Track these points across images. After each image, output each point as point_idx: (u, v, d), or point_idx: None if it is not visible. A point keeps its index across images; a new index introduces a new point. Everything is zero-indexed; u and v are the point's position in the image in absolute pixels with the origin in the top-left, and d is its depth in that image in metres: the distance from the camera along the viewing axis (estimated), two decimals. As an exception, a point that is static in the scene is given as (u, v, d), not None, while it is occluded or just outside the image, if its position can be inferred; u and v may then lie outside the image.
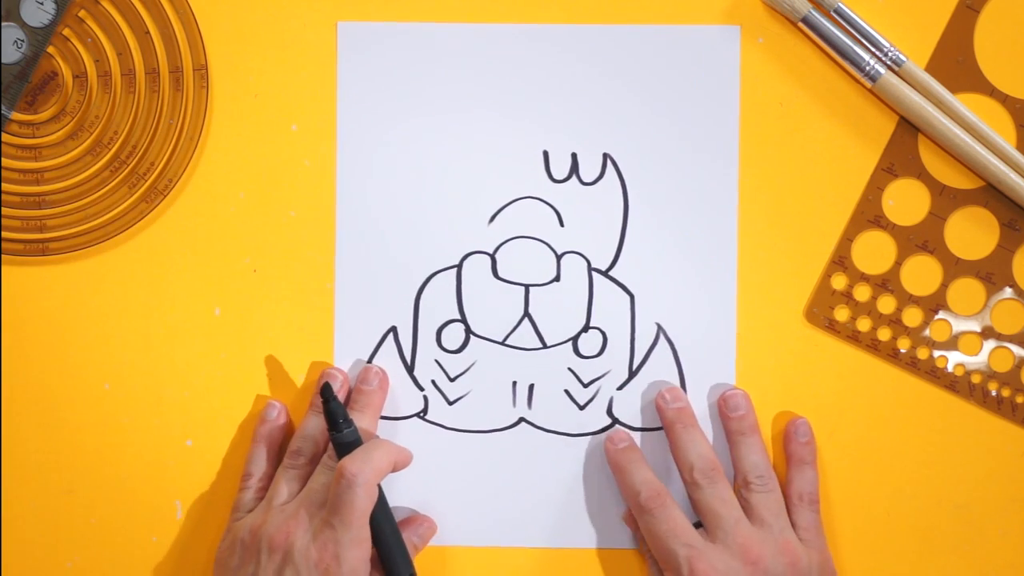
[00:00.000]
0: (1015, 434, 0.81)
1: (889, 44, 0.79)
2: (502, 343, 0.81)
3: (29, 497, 0.81)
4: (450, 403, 0.82)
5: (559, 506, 0.81)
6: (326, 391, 0.75)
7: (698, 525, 0.78)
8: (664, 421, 0.80)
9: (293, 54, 0.82)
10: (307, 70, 0.81)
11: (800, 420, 0.80)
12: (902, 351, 0.81)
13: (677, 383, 0.81)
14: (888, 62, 0.79)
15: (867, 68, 0.79)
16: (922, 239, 0.81)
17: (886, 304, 0.81)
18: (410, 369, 0.82)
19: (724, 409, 0.80)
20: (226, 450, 0.81)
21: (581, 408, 0.82)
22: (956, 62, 0.81)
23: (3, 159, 0.81)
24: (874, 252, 0.81)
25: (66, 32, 0.81)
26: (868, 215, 0.81)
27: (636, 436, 0.81)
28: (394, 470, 0.77)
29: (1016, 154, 0.80)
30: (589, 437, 0.82)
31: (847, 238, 0.81)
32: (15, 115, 0.81)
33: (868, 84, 0.80)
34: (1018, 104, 0.81)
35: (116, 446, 0.81)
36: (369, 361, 0.81)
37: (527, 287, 0.82)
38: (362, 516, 0.73)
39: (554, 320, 0.81)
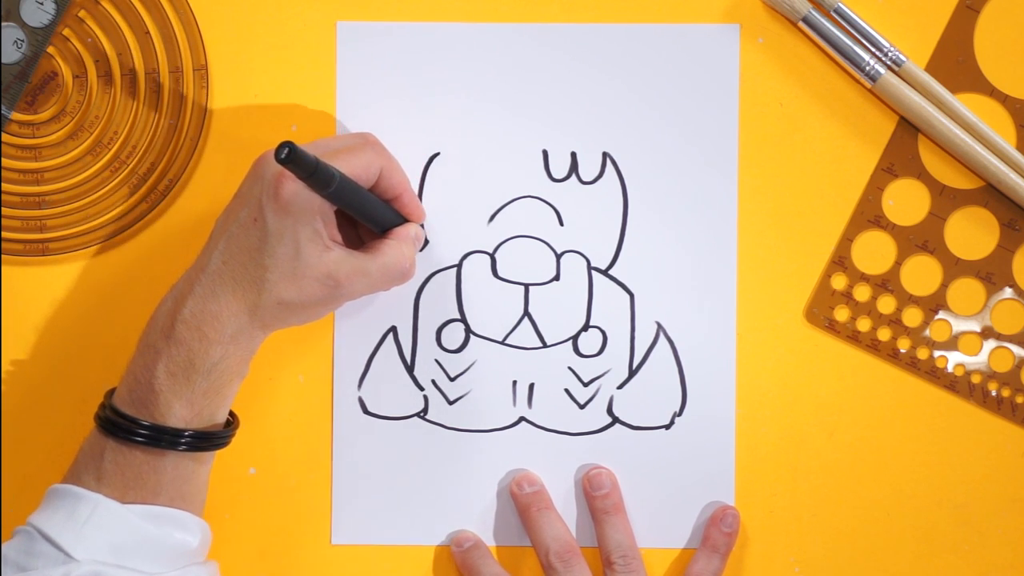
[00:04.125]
0: (1015, 434, 0.81)
1: (889, 44, 0.79)
2: (502, 342, 0.82)
3: (29, 497, 0.81)
4: (450, 403, 0.82)
5: (560, 505, 0.81)
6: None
7: None
8: (519, 506, 0.80)
9: (293, 54, 0.82)
10: (307, 70, 0.81)
11: (731, 510, 0.80)
12: (902, 351, 0.81)
13: (677, 382, 0.81)
14: (888, 62, 0.79)
15: (867, 68, 0.79)
16: (922, 239, 0.81)
17: (886, 304, 0.81)
18: (410, 369, 0.82)
19: (588, 488, 0.80)
20: (227, 447, 0.81)
21: (581, 407, 0.82)
22: (956, 62, 0.81)
23: (3, 159, 0.81)
24: (874, 252, 0.81)
25: (66, 32, 0.81)
26: (868, 215, 0.81)
27: (637, 435, 0.81)
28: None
29: (1016, 154, 0.79)
30: (590, 436, 0.82)
31: (847, 238, 0.81)
32: (15, 115, 0.81)
33: (868, 84, 0.80)
34: (1018, 104, 0.81)
35: (116, 446, 0.81)
36: (369, 361, 0.81)
37: (527, 286, 0.82)
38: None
39: (554, 319, 0.81)
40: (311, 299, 0.72)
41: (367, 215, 0.75)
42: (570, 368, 0.82)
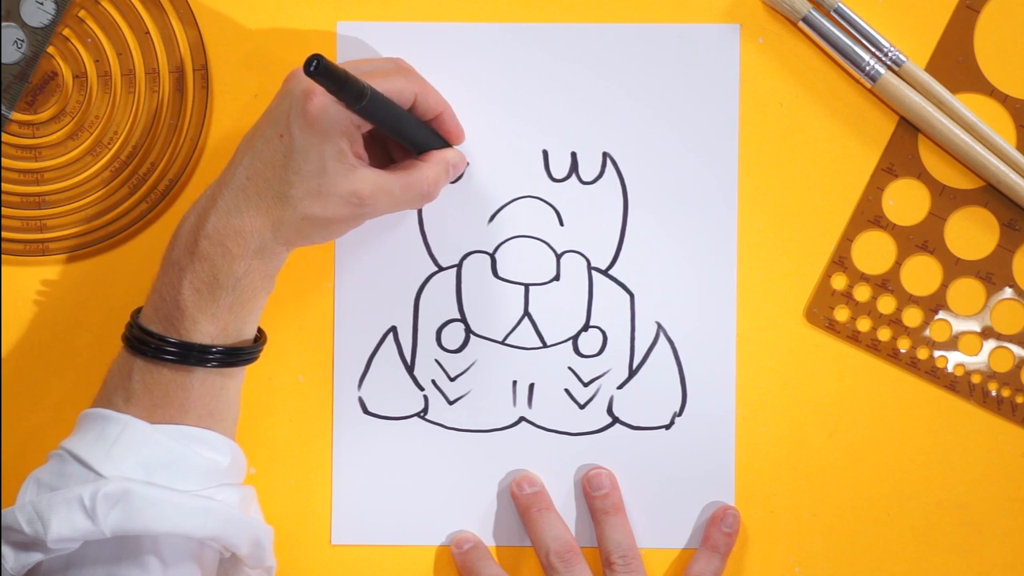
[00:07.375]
0: (1015, 434, 0.81)
1: (889, 44, 0.79)
2: (502, 342, 0.82)
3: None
4: (450, 403, 0.82)
5: (560, 505, 0.81)
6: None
7: None
8: (519, 506, 0.81)
9: (293, 54, 0.82)
10: (307, 70, 0.81)
11: (731, 510, 0.80)
12: (902, 351, 0.81)
13: (677, 382, 0.81)
14: (888, 62, 0.79)
15: (867, 68, 0.79)
16: (922, 239, 0.81)
17: (886, 304, 0.81)
18: (410, 369, 0.82)
19: (588, 488, 0.80)
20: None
21: (581, 407, 0.82)
22: (956, 62, 0.81)
23: (3, 159, 0.81)
24: (874, 252, 0.81)
25: (66, 32, 0.81)
26: (868, 215, 0.81)
27: (637, 435, 0.81)
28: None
29: (1016, 154, 0.79)
30: (590, 436, 0.82)
31: (847, 238, 0.81)
32: (15, 115, 0.81)
33: (868, 84, 0.80)
34: (1018, 104, 0.81)
35: (116, 446, 0.81)
36: (369, 361, 0.81)
37: (527, 286, 0.82)
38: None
39: (554, 319, 0.81)
40: (335, 216, 0.72)
41: (402, 134, 0.75)
42: (570, 368, 0.82)
